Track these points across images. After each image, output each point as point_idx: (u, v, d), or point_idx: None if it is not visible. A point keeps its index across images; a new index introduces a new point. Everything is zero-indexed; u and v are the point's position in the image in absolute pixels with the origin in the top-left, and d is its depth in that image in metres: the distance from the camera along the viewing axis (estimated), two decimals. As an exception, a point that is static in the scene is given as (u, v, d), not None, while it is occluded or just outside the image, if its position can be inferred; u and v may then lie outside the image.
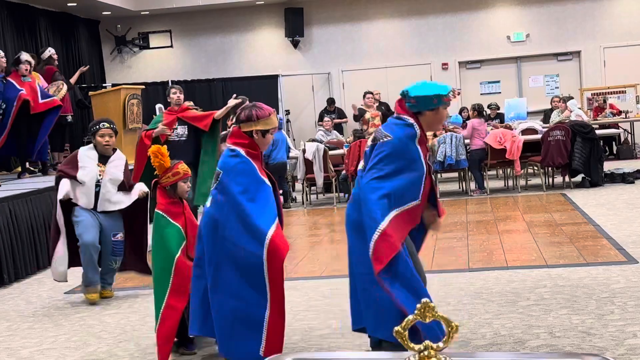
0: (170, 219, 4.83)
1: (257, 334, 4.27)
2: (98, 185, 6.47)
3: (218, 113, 8.34)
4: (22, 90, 9.92)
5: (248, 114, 4.48)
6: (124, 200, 6.55)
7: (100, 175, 6.48)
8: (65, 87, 11.15)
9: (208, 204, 4.46)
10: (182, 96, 8.52)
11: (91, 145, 6.58)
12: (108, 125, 6.54)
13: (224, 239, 4.32)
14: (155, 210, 4.90)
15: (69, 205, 6.50)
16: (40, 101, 10.16)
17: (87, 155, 6.53)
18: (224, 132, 12.56)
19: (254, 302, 4.28)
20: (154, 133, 8.21)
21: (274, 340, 4.29)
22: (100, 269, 6.57)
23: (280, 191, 11.82)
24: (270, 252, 4.22)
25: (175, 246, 4.77)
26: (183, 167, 4.97)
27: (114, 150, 6.63)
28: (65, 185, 6.44)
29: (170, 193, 4.92)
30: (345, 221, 4.39)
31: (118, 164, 6.59)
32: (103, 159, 6.54)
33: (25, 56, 10.23)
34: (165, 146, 5.05)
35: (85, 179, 6.43)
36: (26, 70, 10.07)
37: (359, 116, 15.10)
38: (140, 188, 6.59)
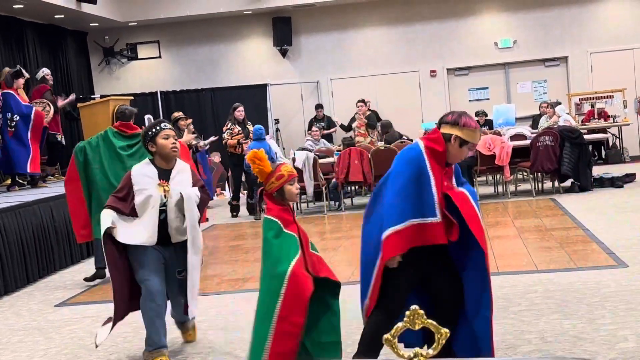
0: (284, 227, 4.16)
1: None
2: (163, 210, 4.95)
3: None
4: (32, 106, 10.04)
5: (456, 117, 4.16)
6: (195, 225, 5.06)
7: (165, 197, 4.92)
8: (52, 110, 11.15)
9: None
10: None
11: (146, 160, 5.06)
12: (170, 125, 5.13)
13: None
14: (265, 216, 4.23)
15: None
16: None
17: (142, 173, 4.96)
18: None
19: None
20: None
21: None
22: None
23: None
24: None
25: (292, 252, 4.08)
26: (286, 168, 4.29)
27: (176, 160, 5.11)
28: (106, 216, 4.86)
29: (278, 199, 4.25)
30: None
31: (183, 178, 5.06)
32: (164, 174, 4.99)
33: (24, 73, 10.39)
34: (262, 149, 4.38)
35: (146, 206, 4.89)
36: (21, 84, 10.17)
37: (348, 127, 15.15)
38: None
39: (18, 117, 10.01)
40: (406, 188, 4.04)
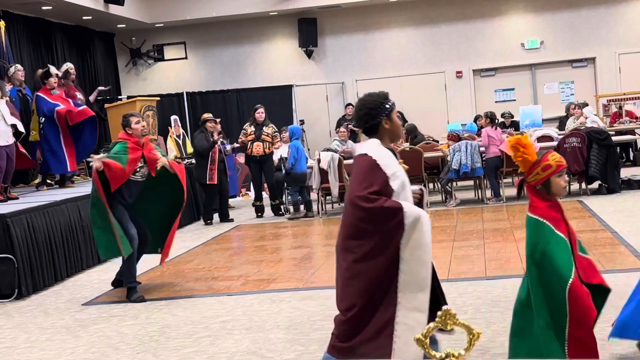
0: (554, 229, 3.66)
1: None
2: None
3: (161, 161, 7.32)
4: (57, 104, 10.06)
5: None
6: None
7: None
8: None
9: None
10: (146, 124, 7.46)
11: (374, 142, 4.01)
12: None
13: None
14: (530, 214, 3.76)
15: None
16: (76, 110, 10.30)
17: (384, 155, 3.96)
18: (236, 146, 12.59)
19: None
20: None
21: None
22: None
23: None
24: None
25: (568, 267, 3.61)
26: (554, 157, 3.78)
27: None
28: (411, 208, 3.86)
29: (543, 193, 3.77)
30: None
31: None
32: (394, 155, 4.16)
33: (54, 70, 10.41)
34: (526, 135, 3.83)
35: (402, 192, 3.95)
36: (55, 83, 10.20)
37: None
38: None
39: (44, 120, 10.11)
40: None
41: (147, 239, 7.36)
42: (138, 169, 7.12)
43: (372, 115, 4.03)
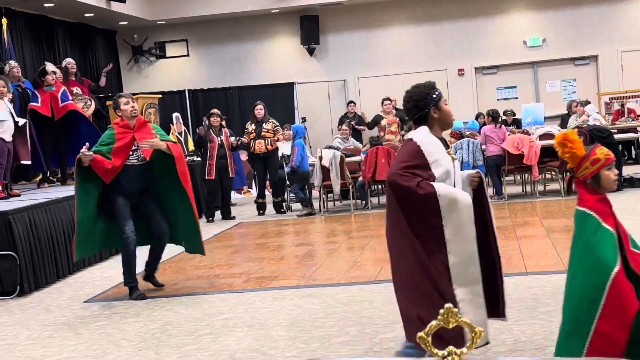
0: (601, 221, 3.57)
1: None
2: None
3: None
4: (37, 99, 10.05)
5: None
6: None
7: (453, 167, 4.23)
8: (93, 103, 11.30)
9: None
10: (137, 106, 7.03)
11: (423, 129, 4.23)
12: None
13: None
14: (578, 207, 3.66)
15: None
16: (60, 105, 10.30)
17: (430, 142, 4.15)
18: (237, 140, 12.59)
19: None
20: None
21: None
22: None
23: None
24: None
25: (612, 257, 3.48)
26: (602, 150, 3.74)
27: None
28: (445, 189, 4.04)
29: (593, 187, 3.69)
30: None
31: None
32: (443, 143, 4.27)
33: (50, 67, 10.40)
34: (574, 131, 3.84)
35: (445, 181, 4.09)
36: (52, 80, 10.19)
37: (375, 123, 15.09)
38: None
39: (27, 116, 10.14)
40: None
41: (162, 232, 7.03)
42: (132, 152, 6.82)
43: (420, 107, 4.23)
